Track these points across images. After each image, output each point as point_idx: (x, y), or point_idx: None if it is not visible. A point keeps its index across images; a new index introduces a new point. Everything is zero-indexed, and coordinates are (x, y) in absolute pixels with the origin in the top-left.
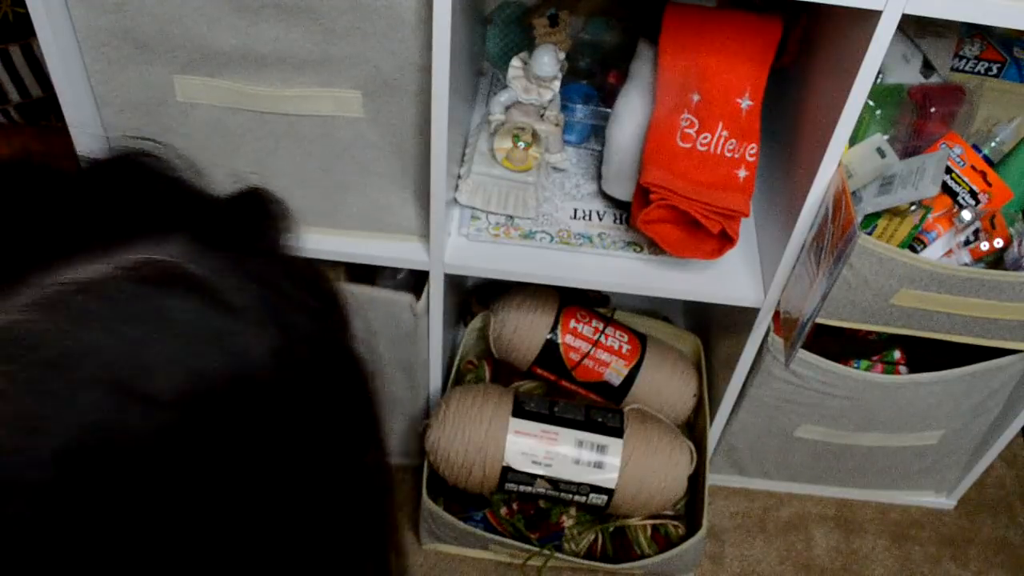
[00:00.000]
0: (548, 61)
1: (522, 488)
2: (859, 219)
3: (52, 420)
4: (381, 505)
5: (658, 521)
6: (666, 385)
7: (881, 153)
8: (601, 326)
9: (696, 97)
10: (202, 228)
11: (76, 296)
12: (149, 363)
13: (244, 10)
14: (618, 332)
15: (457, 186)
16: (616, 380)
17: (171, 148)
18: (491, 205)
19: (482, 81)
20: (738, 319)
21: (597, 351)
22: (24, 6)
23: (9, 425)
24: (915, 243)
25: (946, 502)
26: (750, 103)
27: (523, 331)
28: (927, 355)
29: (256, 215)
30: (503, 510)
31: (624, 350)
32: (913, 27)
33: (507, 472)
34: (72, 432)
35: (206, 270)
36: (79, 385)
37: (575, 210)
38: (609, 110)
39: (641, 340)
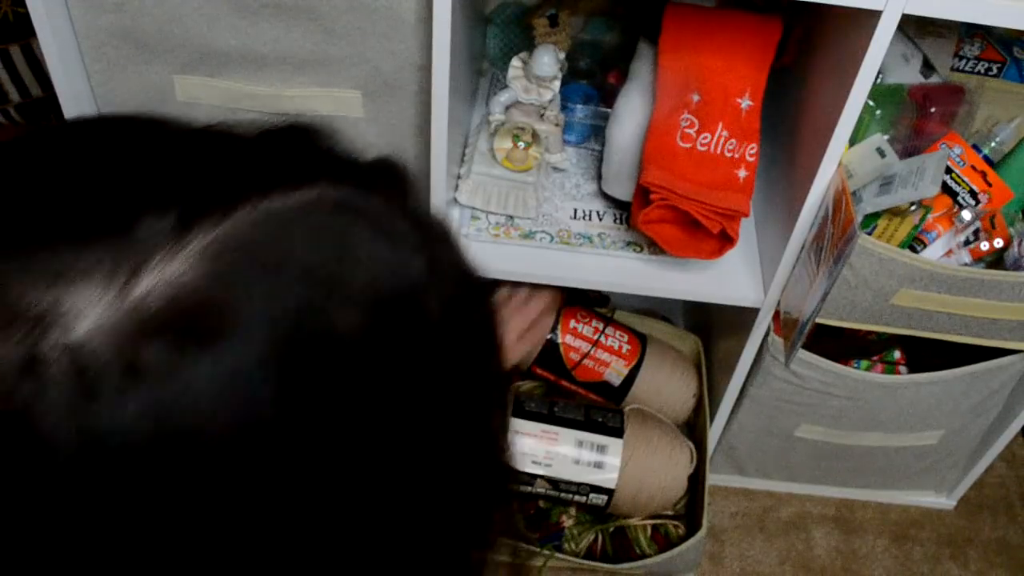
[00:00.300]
0: (548, 61)
1: (522, 488)
2: (859, 219)
3: (269, 310)
4: (503, 436)
5: (658, 521)
6: (666, 385)
7: (881, 153)
8: (601, 326)
9: (696, 97)
10: (359, 179)
11: (281, 217)
12: (340, 269)
13: (244, 10)
14: (618, 332)
15: (457, 186)
16: (616, 380)
17: (322, 122)
18: (491, 205)
19: (482, 81)
20: (738, 319)
21: (597, 351)
22: (24, 6)
23: (241, 313)
24: (915, 243)
25: (946, 502)
26: (750, 103)
27: None
28: (927, 355)
29: (391, 173)
30: None
31: (624, 350)
32: (913, 27)
33: None
34: (284, 320)
35: (370, 206)
36: (291, 282)
37: (575, 210)
38: (609, 110)
39: (641, 340)
